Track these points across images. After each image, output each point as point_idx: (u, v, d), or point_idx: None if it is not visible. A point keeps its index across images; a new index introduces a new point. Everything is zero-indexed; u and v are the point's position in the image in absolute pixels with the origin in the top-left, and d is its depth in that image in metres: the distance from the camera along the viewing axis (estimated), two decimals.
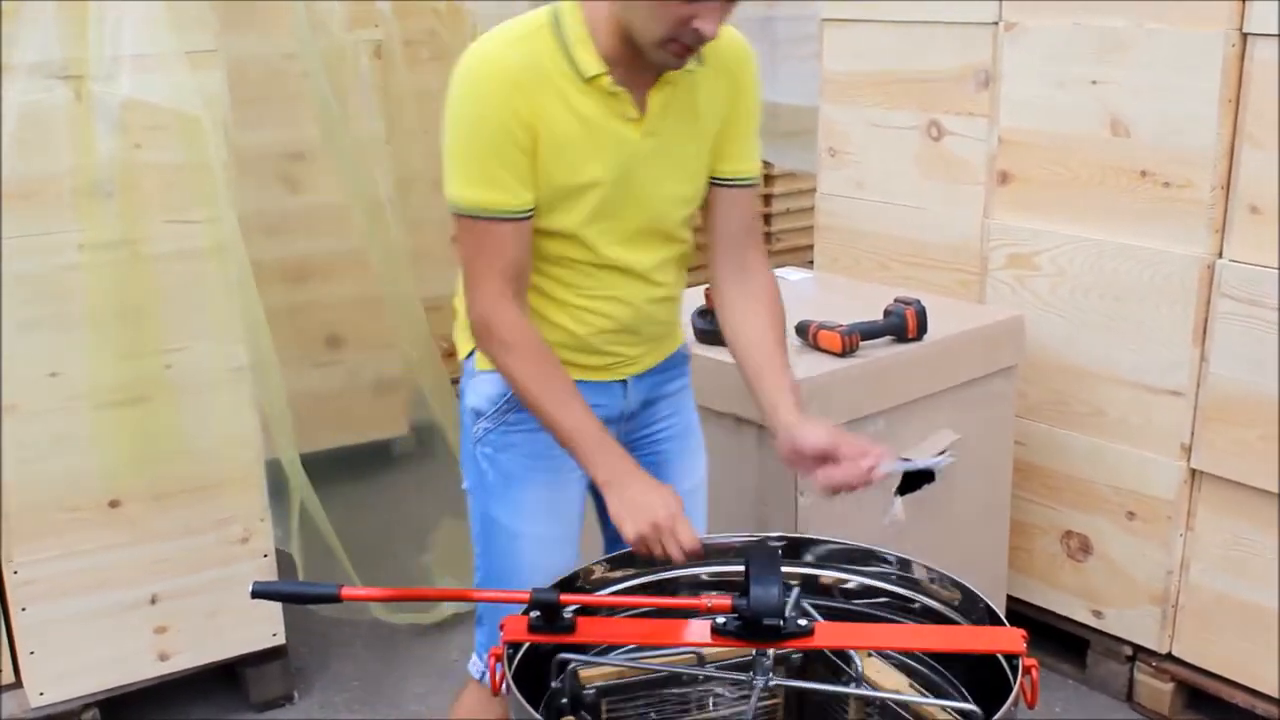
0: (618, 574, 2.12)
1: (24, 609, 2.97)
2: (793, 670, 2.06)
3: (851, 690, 1.98)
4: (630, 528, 1.99)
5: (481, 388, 2.24)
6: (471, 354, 2.26)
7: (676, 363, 2.40)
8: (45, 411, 2.90)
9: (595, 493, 2.21)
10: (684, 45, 1.97)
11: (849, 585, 2.13)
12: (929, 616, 2.05)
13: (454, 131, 2.04)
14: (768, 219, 6.08)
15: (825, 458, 2.09)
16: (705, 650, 2.00)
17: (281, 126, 4.20)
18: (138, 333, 2.97)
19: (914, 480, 2.90)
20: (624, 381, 2.29)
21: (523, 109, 2.00)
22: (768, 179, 6.04)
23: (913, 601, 2.08)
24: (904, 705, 1.94)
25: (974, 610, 1.98)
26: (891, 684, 1.97)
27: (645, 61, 2.02)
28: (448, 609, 3.69)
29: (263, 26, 3.90)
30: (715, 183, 2.26)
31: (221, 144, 2.97)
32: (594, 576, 2.09)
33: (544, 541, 2.27)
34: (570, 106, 2.03)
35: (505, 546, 2.28)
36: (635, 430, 2.35)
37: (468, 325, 2.20)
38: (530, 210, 2.06)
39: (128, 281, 2.93)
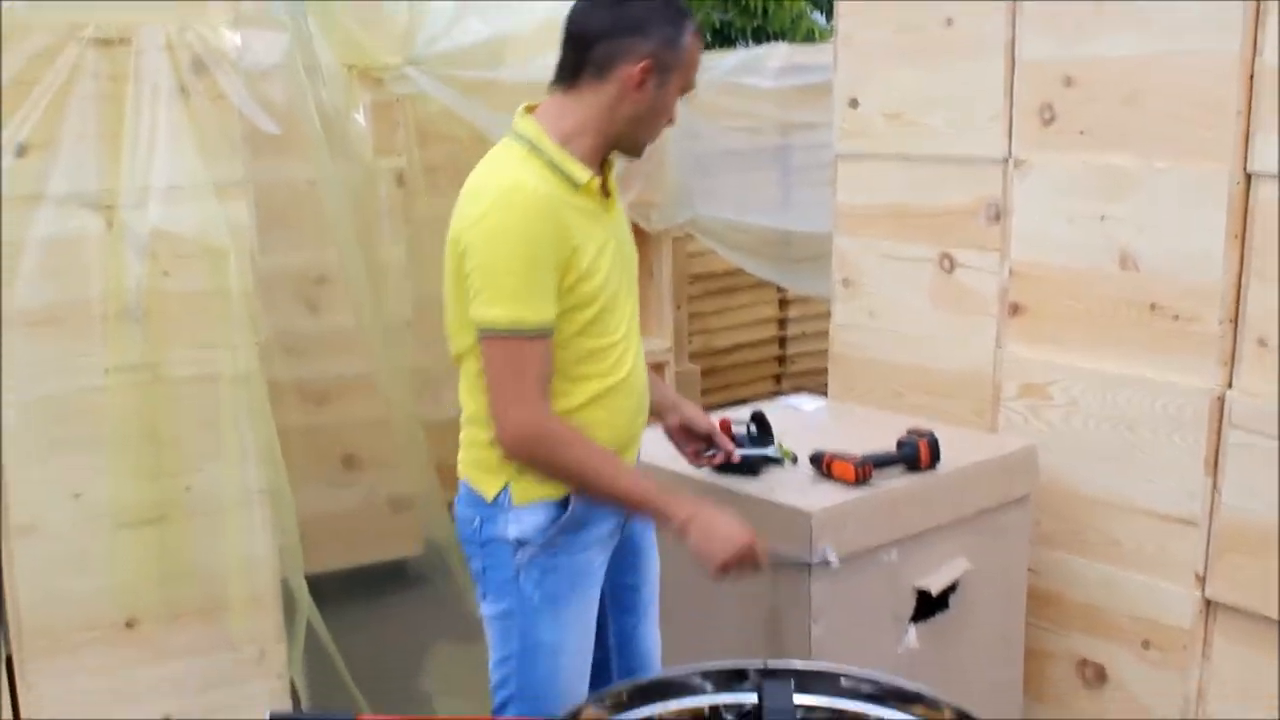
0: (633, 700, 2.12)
1: None
2: None
3: None
4: (719, 557, 2.32)
5: (525, 519, 2.39)
6: (503, 491, 2.38)
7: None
8: (66, 532, 2.93)
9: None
10: (657, 132, 2.44)
11: (862, 717, 2.13)
12: None
13: (497, 254, 2.24)
14: (782, 343, 6.13)
15: (704, 440, 2.75)
16: None
17: (305, 250, 4.28)
18: (159, 455, 3.00)
19: (928, 608, 2.91)
20: None
21: (559, 228, 2.25)
22: (782, 304, 6.11)
23: None
24: None
25: None
26: None
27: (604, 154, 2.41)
28: None
29: (289, 152, 3.99)
30: None
31: (246, 272, 3.04)
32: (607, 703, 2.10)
33: (582, 656, 2.48)
34: (581, 211, 2.32)
35: (548, 665, 2.44)
36: (628, 528, 2.57)
37: (495, 461, 2.38)
38: (553, 329, 2.29)
39: (150, 405, 2.98)
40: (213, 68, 2.94)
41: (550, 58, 2.47)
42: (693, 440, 2.79)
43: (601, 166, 2.43)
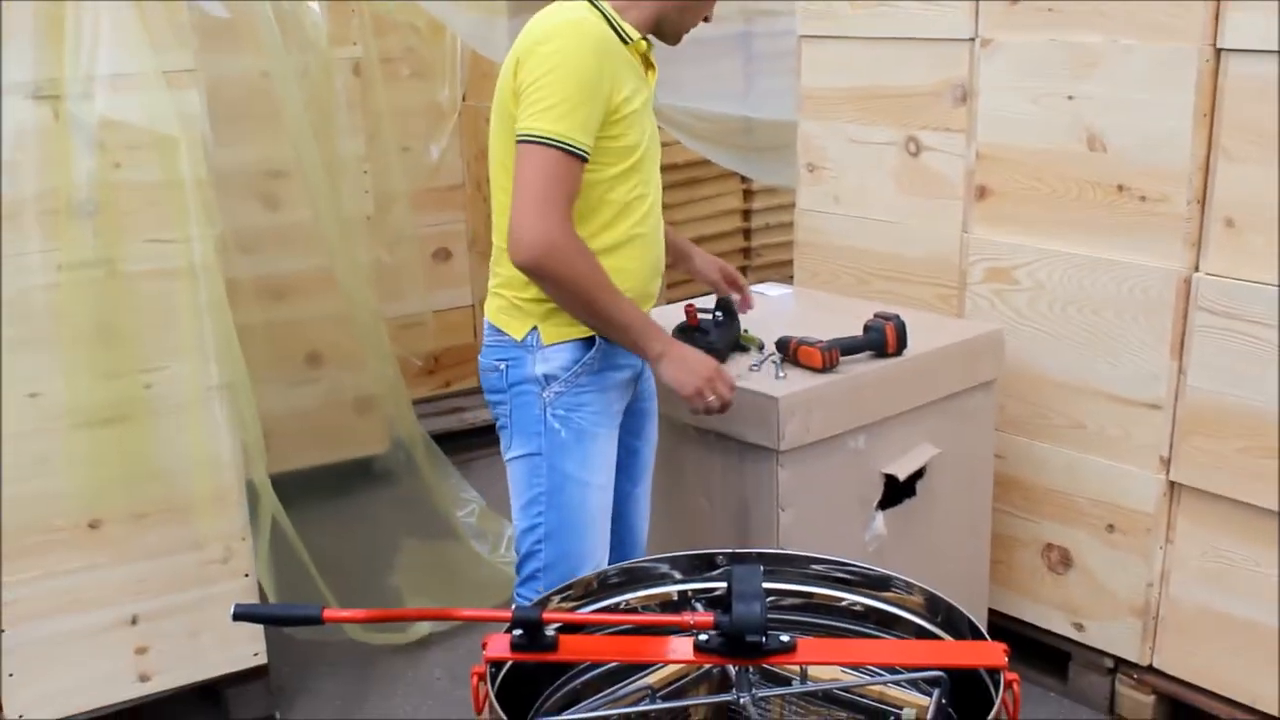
0: (602, 589, 2.13)
1: (2, 630, 2.95)
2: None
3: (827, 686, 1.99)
4: (690, 384, 2.48)
5: (553, 357, 2.51)
6: (532, 332, 2.51)
7: None
8: (25, 433, 2.89)
9: None
10: (692, 27, 2.60)
11: (830, 601, 2.14)
12: (911, 631, 2.06)
13: (554, 74, 2.34)
14: (747, 234, 6.09)
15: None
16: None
17: (261, 144, 4.19)
18: (117, 352, 2.97)
19: (896, 494, 2.92)
20: None
21: (614, 68, 2.40)
22: (746, 194, 6.06)
23: (894, 616, 2.08)
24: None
25: (956, 625, 1.98)
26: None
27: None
28: (423, 628, 3.70)
29: (242, 43, 3.89)
30: None
31: (200, 163, 2.97)
32: (579, 590, 2.10)
33: (605, 491, 2.61)
34: (629, 66, 2.46)
35: (576, 498, 2.55)
36: (638, 386, 2.71)
37: (526, 304, 2.51)
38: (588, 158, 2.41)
39: (106, 301, 2.93)
40: None
41: None
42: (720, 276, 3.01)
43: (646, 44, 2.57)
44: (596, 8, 2.46)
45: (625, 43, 2.46)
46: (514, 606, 1.86)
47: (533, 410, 2.53)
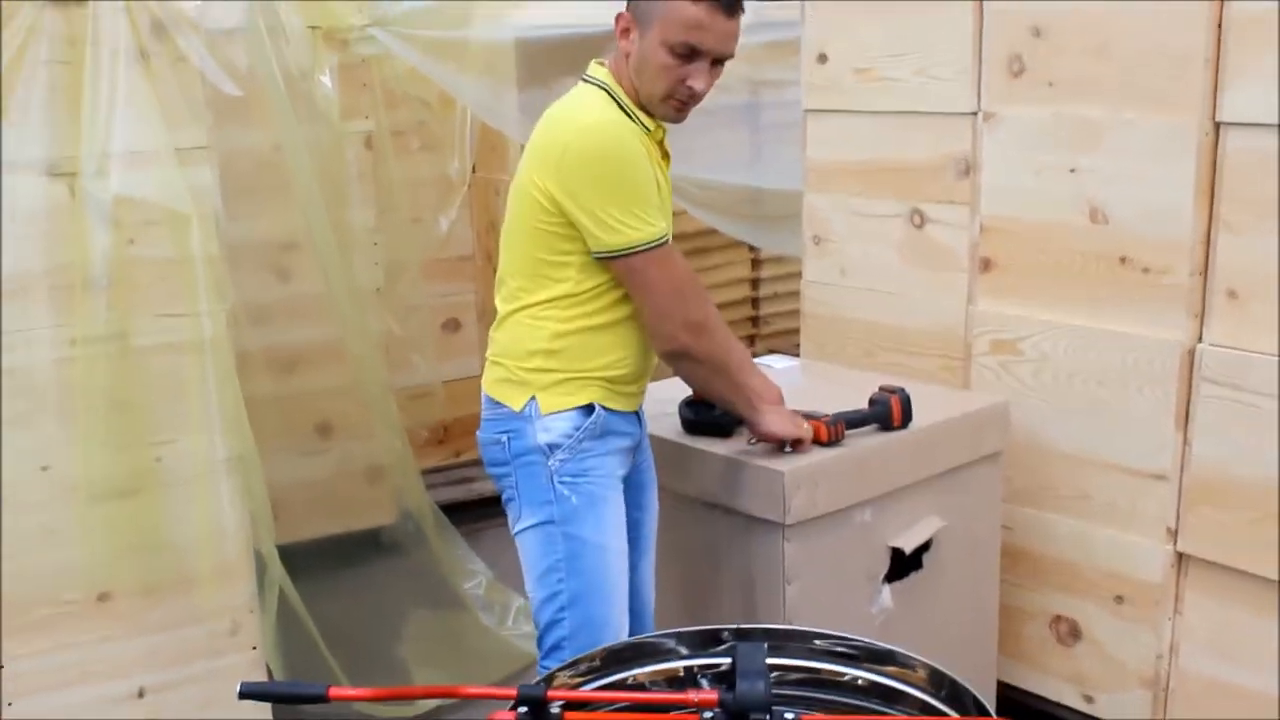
0: (606, 665, 2.12)
1: (10, 704, 2.95)
2: None
3: None
4: (791, 433, 2.67)
5: (554, 425, 2.54)
6: (530, 401, 2.54)
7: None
8: (36, 505, 2.90)
9: None
10: (680, 101, 2.50)
11: (835, 677, 2.13)
12: (915, 706, 2.05)
13: (614, 185, 2.42)
14: (755, 303, 6.12)
15: None
16: None
17: (273, 216, 4.24)
18: (128, 426, 2.98)
19: (902, 567, 2.91)
20: (637, 412, 2.71)
21: (648, 158, 2.48)
22: (754, 264, 6.09)
23: (899, 692, 2.08)
24: None
25: (960, 699, 1.98)
26: None
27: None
28: (431, 702, 3.69)
29: (254, 117, 3.95)
30: None
31: (211, 238, 3.00)
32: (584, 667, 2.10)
33: (622, 556, 2.62)
34: (650, 158, 2.50)
35: (595, 563, 2.57)
36: (636, 458, 2.74)
37: (524, 375, 2.55)
38: None
39: (118, 375, 2.94)
40: (172, 30, 2.89)
41: (518, 17, 2.50)
42: None
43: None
44: (612, 96, 2.51)
45: (645, 130, 2.52)
46: (520, 685, 1.86)
47: (540, 480, 2.55)
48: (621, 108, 2.50)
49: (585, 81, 2.56)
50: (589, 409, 2.55)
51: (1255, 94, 2.71)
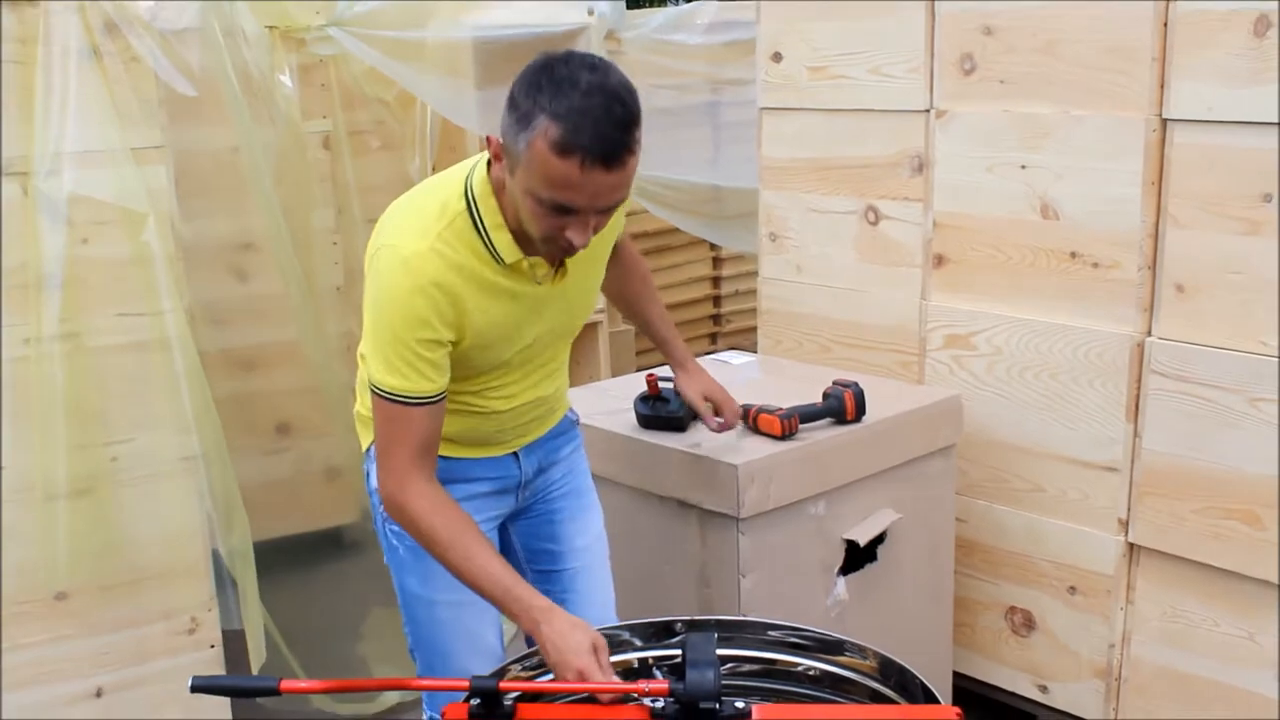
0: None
1: None
2: None
3: None
4: (561, 667, 1.99)
5: None
6: (373, 443, 2.29)
7: (564, 428, 2.61)
8: None
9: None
10: (559, 247, 2.09)
11: (787, 667, 2.16)
12: (865, 695, 2.08)
13: (376, 324, 2.13)
14: (716, 301, 6.14)
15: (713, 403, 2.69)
16: None
17: (231, 216, 4.23)
18: (84, 425, 2.97)
19: (857, 559, 2.94)
20: (515, 454, 2.48)
21: (448, 312, 2.12)
22: (716, 262, 6.12)
23: (849, 681, 2.10)
24: None
25: (909, 688, 2.01)
26: None
27: None
28: (392, 698, 3.70)
29: (211, 118, 3.94)
30: None
31: (167, 236, 3.01)
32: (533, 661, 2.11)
33: (459, 607, 2.38)
34: (496, 290, 2.17)
35: (424, 615, 2.45)
36: (532, 495, 2.56)
37: (365, 414, 2.36)
38: (444, 392, 2.18)
39: (73, 374, 2.94)
40: (125, 29, 2.89)
41: (477, 18, 2.42)
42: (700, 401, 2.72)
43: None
44: (472, 217, 2.14)
45: (498, 263, 2.16)
46: (471, 677, 1.88)
47: (378, 521, 2.44)
48: (479, 229, 2.14)
49: (464, 179, 2.18)
50: None
51: (1200, 90, 2.75)
